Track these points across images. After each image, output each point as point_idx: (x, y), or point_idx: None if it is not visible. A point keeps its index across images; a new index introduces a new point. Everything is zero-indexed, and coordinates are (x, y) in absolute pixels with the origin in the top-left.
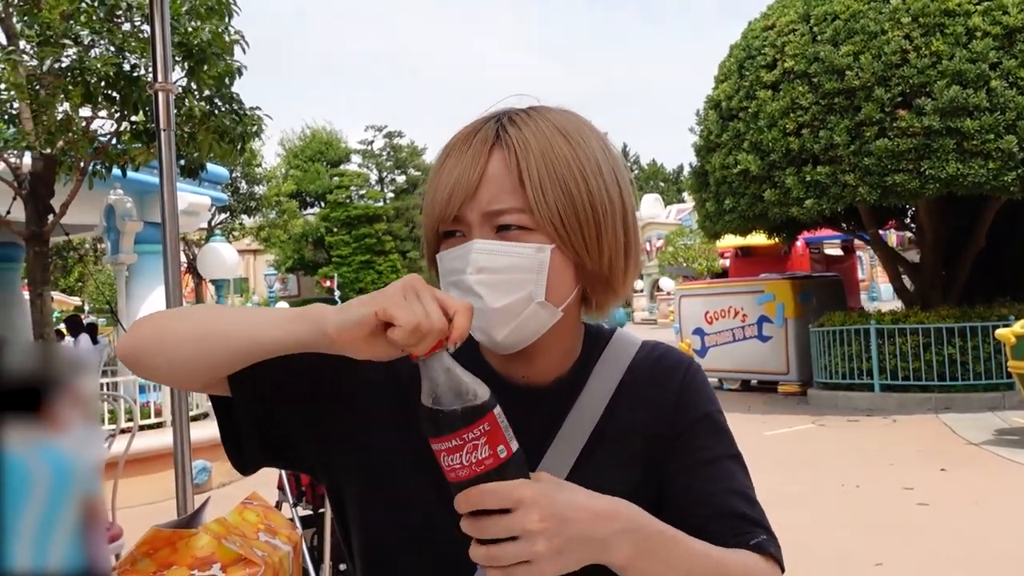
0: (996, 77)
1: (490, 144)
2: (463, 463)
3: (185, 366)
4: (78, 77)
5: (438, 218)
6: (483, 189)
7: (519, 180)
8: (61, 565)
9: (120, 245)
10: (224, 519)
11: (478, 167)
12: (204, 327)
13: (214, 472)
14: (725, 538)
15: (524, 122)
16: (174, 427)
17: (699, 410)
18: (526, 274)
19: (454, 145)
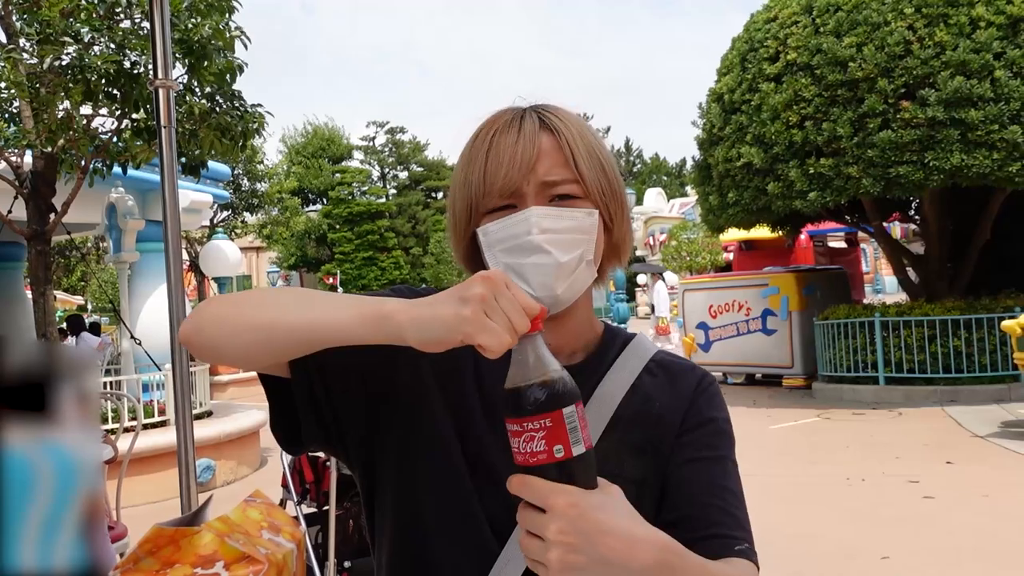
0: (1000, 67)
1: (538, 127)
2: (519, 449)
3: (248, 351)
4: (78, 75)
5: (497, 190)
6: (540, 163)
7: (568, 156)
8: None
9: (122, 243)
10: (227, 517)
11: (535, 144)
12: (270, 317)
13: (218, 471)
14: (711, 528)
15: (557, 113)
16: (177, 426)
17: (710, 414)
18: (581, 235)
19: (497, 128)
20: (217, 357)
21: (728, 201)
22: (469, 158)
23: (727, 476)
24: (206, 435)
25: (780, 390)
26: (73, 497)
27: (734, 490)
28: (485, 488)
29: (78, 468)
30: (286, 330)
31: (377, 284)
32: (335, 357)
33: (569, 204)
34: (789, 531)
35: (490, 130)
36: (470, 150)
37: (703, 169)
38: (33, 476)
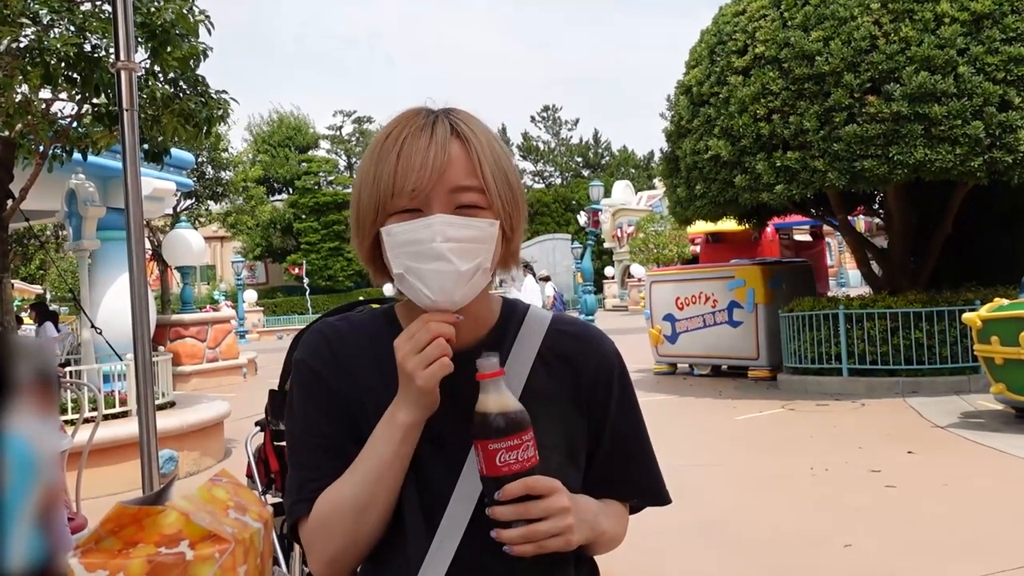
0: (964, 63)
1: (449, 133)
2: (517, 459)
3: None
4: (37, 58)
5: (407, 193)
6: (449, 169)
7: (476, 164)
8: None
9: (82, 231)
10: (192, 495)
11: (445, 150)
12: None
13: (181, 461)
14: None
15: (467, 121)
16: (140, 416)
17: (622, 379)
18: (481, 244)
19: (410, 131)
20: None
21: (696, 193)
22: (379, 156)
23: (637, 446)
24: (169, 425)
25: (746, 382)
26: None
27: (641, 455)
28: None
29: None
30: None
31: (343, 275)
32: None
33: (473, 213)
34: (753, 519)
35: (402, 131)
36: (380, 148)
37: (671, 161)
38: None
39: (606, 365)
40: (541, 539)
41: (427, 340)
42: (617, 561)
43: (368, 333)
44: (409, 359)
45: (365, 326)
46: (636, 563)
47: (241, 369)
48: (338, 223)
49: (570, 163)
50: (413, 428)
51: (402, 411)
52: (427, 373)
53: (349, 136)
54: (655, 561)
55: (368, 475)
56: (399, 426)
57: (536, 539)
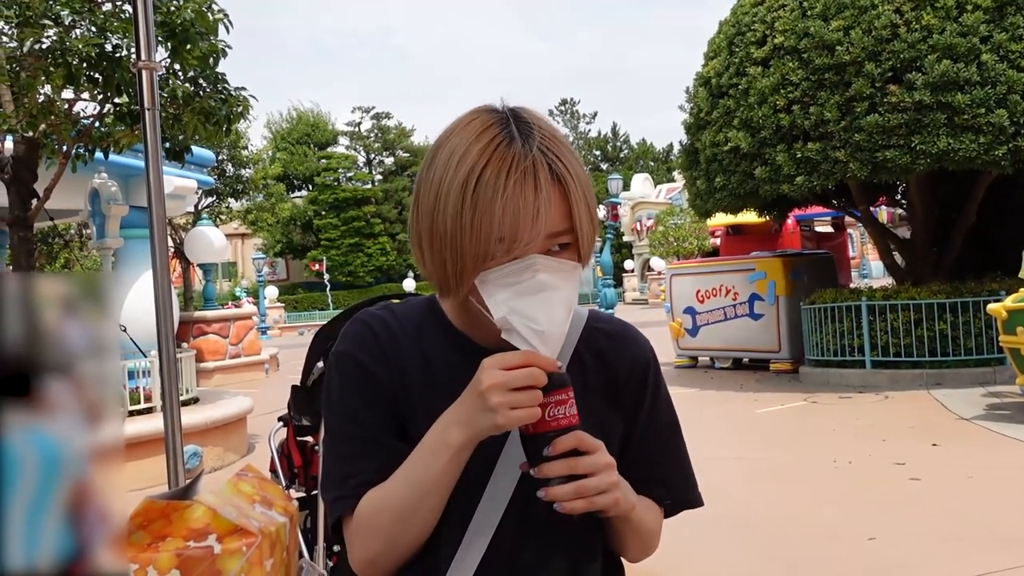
0: (987, 51)
1: (550, 178)
2: (565, 414)
3: (410, 545)
4: (59, 58)
5: (518, 247)
6: (549, 216)
7: (572, 210)
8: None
9: (106, 230)
10: (220, 490)
11: (551, 201)
12: (397, 520)
13: (205, 457)
14: (657, 487)
15: (561, 155)
16: (165, 412)
17: (656, 383)
18: (573, 284)
19: (508, 174)
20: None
21: (715, 186)
22: (478, 200)
23: (672, 441)
24: (193, 421)
25: (767, 374)
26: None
27: (676, 451)
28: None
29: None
30: (414, 523)
31: (363, 271)
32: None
33: (559, 253)
34: (776, 513)
35: (502, 173)
36: (476, 186)
37: (690, 154)
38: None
39: (641, 363)
40: (591, 494)
41: (524, 382)
42: None
43: (413, 324)
44: (497, 392)
45: (409, 317)
46: (657, 557)
47: (263, 365)
48: (358, 219)
49: (589, 157)
50: (466, 449)
51: (456, 431)
52: (513, 415)
53: (368, 132)
54: (677, 554)
55: (415, 487)
56: (452, 446)
57: (586, 495)
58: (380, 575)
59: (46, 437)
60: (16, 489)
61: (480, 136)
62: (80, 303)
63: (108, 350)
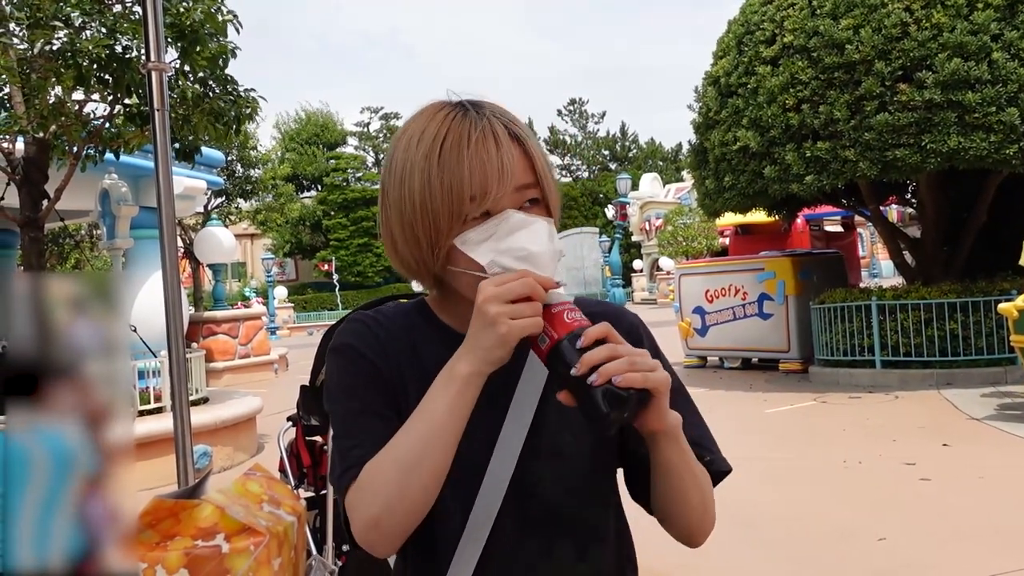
0: (997, 49)
1: (507, 135)
2: (580, 317)
3: (416, 502)
4: (70, 60)
5: (488, 200)
6: (515, 171)
7: (534, 164)
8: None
9: (116, 230)
10: (227, 489)
11: (512, 156)
12: (409, 474)
13: (214, 457)
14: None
15: (514, 120)
16: (174, 412)
17: (640, 335)
18: (558, 243)
19: (468, 137)
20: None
21: (724, 185)
22: (444, 166)
23: (688, 405)
24: (202, 421)
25: (776, 374)
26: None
27: (697, 415)
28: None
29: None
30: (418, 475)
31: (372, 270)
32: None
33: (531, 208)
34: (785, 513)
35: (461, 136)
36: (440, 153)
37: (699, 153)
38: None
39: (632, 331)
40: (644, 369)
41: (521, 293)
42: (649, 555)
43: (403, 323)
44: (494, 304)
45: (398, 317)
46: (668, 558)
47: (272, 365)
48: (367, 219)
49: (597, 156)
50: (473, 380)
51: (463, 361)
52: (515, 324)
53: (377, 132)
54: (687, 555)
55: (419, 432)
56: (457, 377)
57: (639, 369)
58: (384, 542)
59: (57, 436)
60: (27, 488)
61: (434, 116)
62: (90, 303)
63: (118, 350)
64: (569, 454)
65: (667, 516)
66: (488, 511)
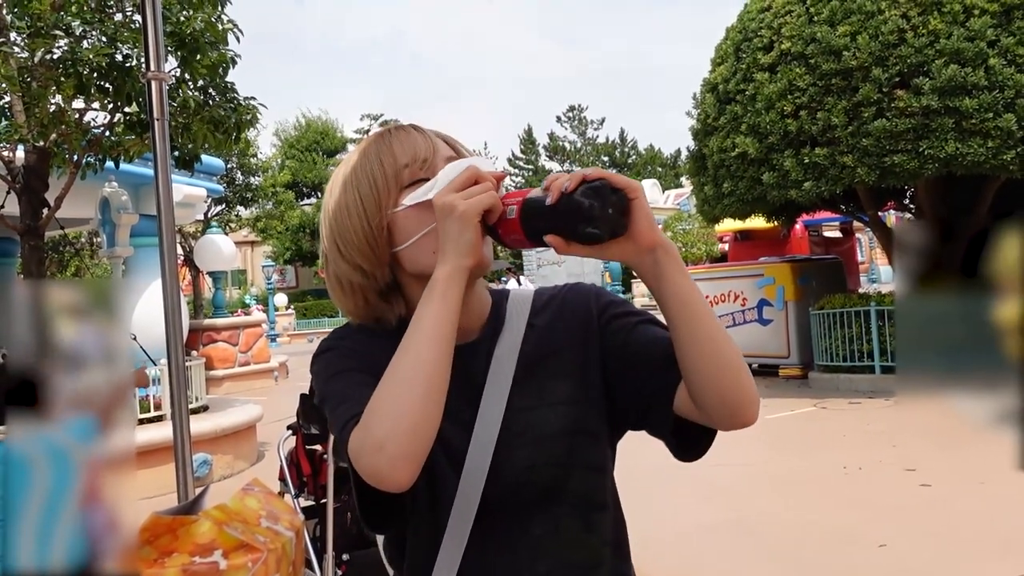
0: (994, 55)
1: (431, 131)
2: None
3: (428, 414)
4: (70, 68)
5: (418, 162)
6: (442, 151)
7: (456, 147)
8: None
9: (116, 238)
10: (225, 505)
11: (435, 134)
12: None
13: (214, 465)
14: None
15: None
16: (174, 420)
17: (615, 303)
18: None
19: (389, 132)
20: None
21: (723, 191)
22: (367, 157)
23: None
24: (202, 429)
25: (777, 380)
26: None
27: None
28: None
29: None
30: (417, 388)
31: None
32: None
33: None
34: (786, 519)
35: (383, 135)
36: (362, 155)
37: (698, 159)
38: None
39: (591, 297)
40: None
41: (468, 179)
42: (649, 561)
43: (389, 333)
44: (446, 195)
45: (379, 332)
46: (668, 563)
47: (273, 373)
48: None
49: (597, 162)
50: (453, 277)
51: (439, 267)
52: (470, 202)
53: None
54: (687, 561)
55: (412, 345)
56: (438, 280)
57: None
58: (391, 467)
59: (58, 446)
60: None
61: (364, 139)
62: (91, 311)
63: (119, 358)
64: (552, 431)
65: (704, 378)
66: (471, 493)
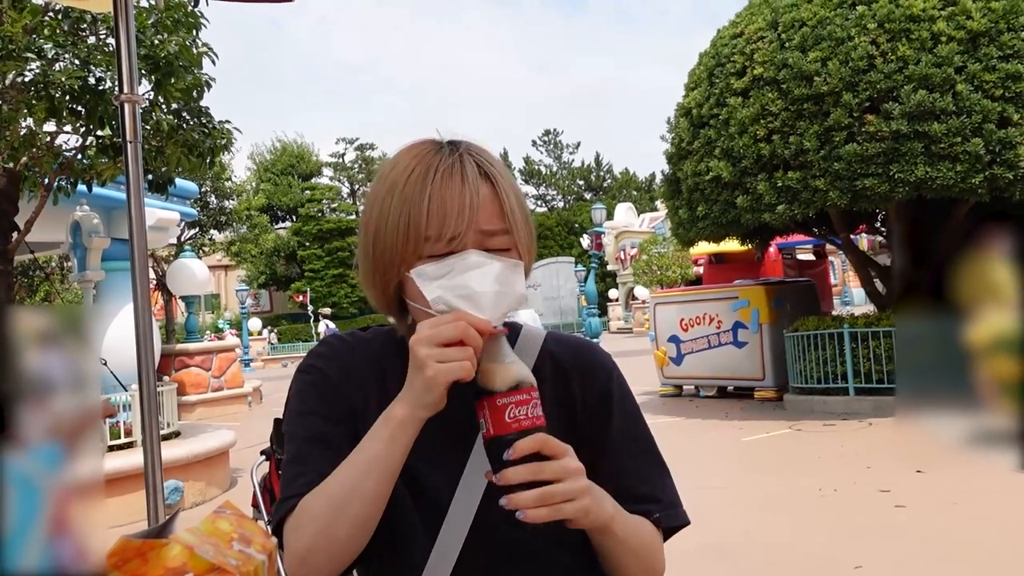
0: (961, 81)
1: (479, 175)
2: (527, 415)
3: (351, 537)
4: (42, 91)
5: (445, 238)
6: (480, 213)
7: (505, 207)
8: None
9: (87, 262)
10: (196, 528)
11: (479, 194)
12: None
13: (186, 492)
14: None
15: (490, 160)
16: (145, 447)
17: (621, 392)
18: (513, 282)
19: (437, 172)
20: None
21: (697, 215)
22: (405, 196)
23: (646, 455)
24: (174, 456)
25: (752, 402)
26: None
27: (653, 462)
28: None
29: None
30: (349, 510)
31: (347, 301)
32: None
33: (501, 255)
34: (762, 541)
35: (428, 170)
36: (405, 186)
37: (672, 183)
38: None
39: (603, 375)
40: (557, 501)
41: (453, 336)
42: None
43: (375, 347)
44: (424, 346)
45: (371, 342)
46: None
47: (246, 398)
48: (342, 250)
49: (572, 186)
50: (407, 424)
51: (399, 403)
52: (440, 367)
53: (352, 163)
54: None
55: (353, 468)
56: (392, 419)
57: (551, 502)
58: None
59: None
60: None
61: (410, 150)
62: (60, 336)
63: (88, 384)
64: None
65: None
66: (449, 551)
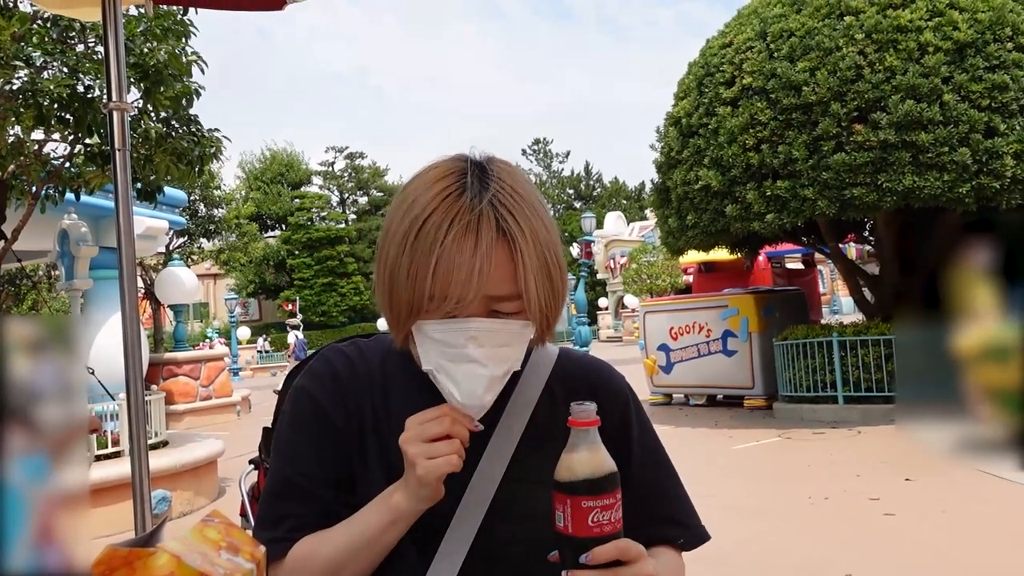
0: (948, 91)
1: (495, 234)
2: (610, 520)
3: None
4: (30, 99)
5: (447, 304)
6: (490, 279)
7: (518, 272)
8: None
9: (75, 271)
10: (184, 537)
11: (491, 261)
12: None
13: (174, 501)
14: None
15: (515, 209)
16: (132, 456)
17: (640, 418)
18: (514, 348)
19: (450, 227)
20: None
21: (687, 224)
22: (415, 247)
23: (668, 477)
24: (162, 465)
25: (742, 411)
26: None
27: (674, 482)
28: None
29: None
30: (352, 567)
31: (337, 310)
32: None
33: (509, 318)
34: (752, 550)
35: (443, 223)
36: (418, 235)
37: (662, 192)
38: None
39: (620, 400)
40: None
41: (439, 434)
42: None
43: (378, 360)
44: (414, 444)
45: (375, 353)
46: None
47: (235, 407)
48: (331, 259)
49: (562, 195)
50: (406, 517)
51: (401, 495)
52: (430, 464)
53: (341, 172)
54: None
55: (350, 542)
56: (393, 508)
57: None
58: None
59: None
60: None
61: (434, 185)
62: (48, 346)
63: (75, 393)
64: (544, 515)
65: None
66: (448, 570)
